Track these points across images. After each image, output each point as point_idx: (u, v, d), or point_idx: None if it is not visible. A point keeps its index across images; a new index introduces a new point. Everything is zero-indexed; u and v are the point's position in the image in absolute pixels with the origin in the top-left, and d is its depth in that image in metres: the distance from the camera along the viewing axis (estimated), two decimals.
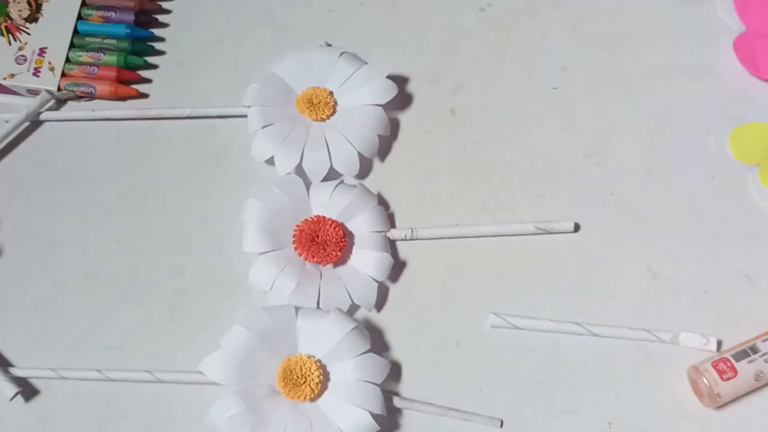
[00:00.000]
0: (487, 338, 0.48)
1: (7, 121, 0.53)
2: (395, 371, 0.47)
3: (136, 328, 0.49)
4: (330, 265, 0.48)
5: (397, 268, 0.50)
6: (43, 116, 0.54)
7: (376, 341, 0.48)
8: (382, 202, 0.51)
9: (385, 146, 0.53)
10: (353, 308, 0.48)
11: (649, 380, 0.47)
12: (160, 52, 0.57)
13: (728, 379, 0.45)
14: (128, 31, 0.55)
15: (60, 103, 0.55)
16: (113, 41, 0.55)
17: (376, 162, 0.53)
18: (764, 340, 0.46)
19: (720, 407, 0.46)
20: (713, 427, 0.46)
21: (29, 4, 0.55)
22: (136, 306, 0.50)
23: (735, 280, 0.49)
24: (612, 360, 0.47)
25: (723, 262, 0.50)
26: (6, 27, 0.55)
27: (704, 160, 0.52)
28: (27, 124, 0.54)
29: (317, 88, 0.52)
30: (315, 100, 0.51)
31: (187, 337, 0.49)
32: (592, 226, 0.50)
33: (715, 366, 0.45)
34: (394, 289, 0.50)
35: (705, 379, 0.45)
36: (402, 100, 0.54)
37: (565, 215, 0.50)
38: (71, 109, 0.55)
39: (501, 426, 0.46)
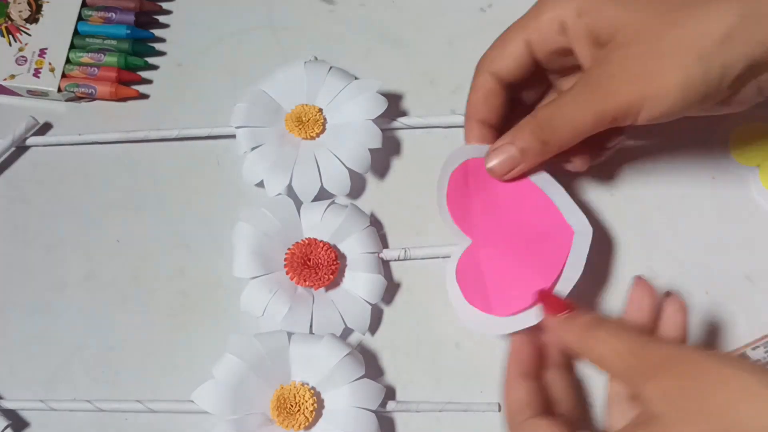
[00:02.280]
0: (484, 349, 0.48)
1: None
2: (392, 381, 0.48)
3: (136, 329, 0.49)
4: (322, 289, 0.48)
5: (391, 289, 0.49)
6: (28, 141, 0.54)
7: (371, 365, 0.47)
8: (375, 222, 0.51)
9: (380, 160, 0.52)
10: (347, 332, 0.48)
11: None
12: (161, 53, 0.57)
13: None
14: (128, 31, 0.55)
15: (46, 127, 0.55)
16: (113, 42, 0.55)
17: (371, 179, 0.52)
18: (754, 348, 0.45)
19: None
20: None
21: (29, 4, 0.55)
22: (137, 307, 0.50)
23: (735, 282, 0.49)
24: None
25: (723, 263, 0.49)
26: (6, 28, 0.55)
27: (705, 161, 0.52)
28: (13, 149, 0.54)
29: (306, 105, 0.51)
30: (304, 118, 0.50)
31: (187, 338, 0.49)
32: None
33: None
34: (389, 311, 0.49)
35: None
36: (401, 103, 0.54)
37: None
38: (58, 133, 0.54)
39: (499, 410, 0.46)
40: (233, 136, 0.51)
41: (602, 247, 0.50)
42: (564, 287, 0.43)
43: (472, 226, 0.47)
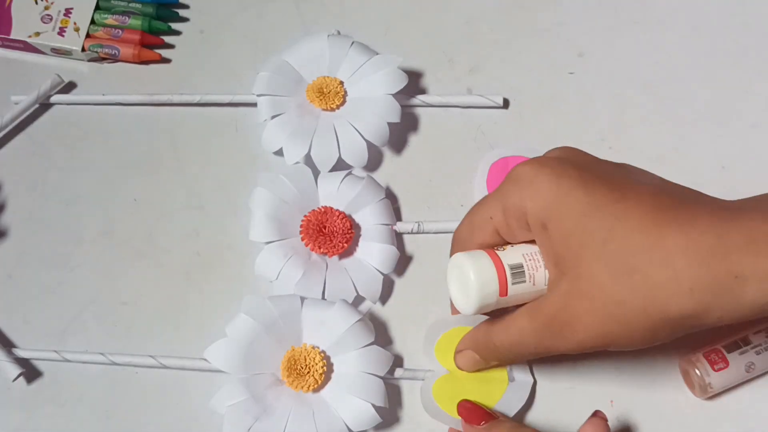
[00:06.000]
0: None
1: (16, 103, 0.54)
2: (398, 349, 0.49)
3: (149, 286, 0.50)
4: (336, 257, 0.49)
5: (403, 261, 0.50)
6: (53, 99, 0.55)
7: (380, 333, 0.48)
8: (390, 195, 0.52)
9: (398, 135, 0.53)
10: (358, 300, 0.49)
11: (640, 370, 0.48)
12: (184, 19, 0.57)
13: (719, 369, 0.45)
14: None
15: (70, 86, 0.55)
16: (138, 5, 0.56)
17: (388, 153, 0.53)
18: (756, 332, 0.46)
19: (710, 398, 0.46)
20: (703, 417, 0.47)
21: None
22: (151, 265, 0.51)
23: None
24: None
25: None
26: None
27: (716, 150, 0.53)
28: (36, 106, 0.55)
29: (328, 77, 0.52)
30: (325, 90, 0.51)
31: (199, 297, 0.50)
32: None
33: (706, 357, 0.46)
34: (400, 282, 0.50)
35: (696, 370, 0.46)
36: (419, 80, 0.55)
37: None
38: (81, 93, 0.55)
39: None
40: (253, 105, 0.52)
41: None
42: None
43: None
